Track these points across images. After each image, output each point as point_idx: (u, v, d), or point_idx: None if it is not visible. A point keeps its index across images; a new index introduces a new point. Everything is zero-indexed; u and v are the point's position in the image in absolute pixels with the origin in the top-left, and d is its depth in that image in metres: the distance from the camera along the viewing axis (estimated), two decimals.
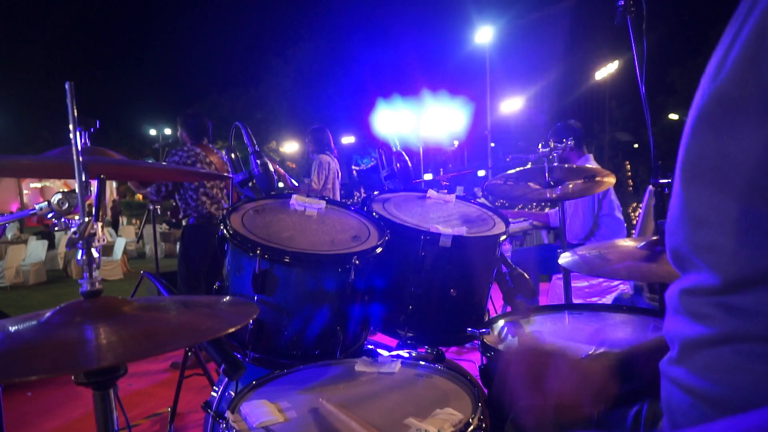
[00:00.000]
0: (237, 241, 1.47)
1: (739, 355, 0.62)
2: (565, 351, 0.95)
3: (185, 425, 3.01)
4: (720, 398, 0.65)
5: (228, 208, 1.65)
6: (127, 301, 0.93)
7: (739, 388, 0.63)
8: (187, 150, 3.94)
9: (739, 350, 0.62)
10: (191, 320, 0.89)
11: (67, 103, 0.90)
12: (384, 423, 1.09)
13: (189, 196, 3.90)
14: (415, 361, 1.42)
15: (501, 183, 2.76)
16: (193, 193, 3.90)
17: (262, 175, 1.85)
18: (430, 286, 1.70)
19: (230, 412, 1.11)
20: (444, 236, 1.63)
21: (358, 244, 1.57)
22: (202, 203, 3.90)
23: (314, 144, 5.18)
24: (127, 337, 0.78)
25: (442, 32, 39.93)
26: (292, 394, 1.24)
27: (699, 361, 0.68)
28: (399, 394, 1.24)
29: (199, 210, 3.90)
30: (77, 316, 0.85)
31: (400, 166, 2.39)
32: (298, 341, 1.49)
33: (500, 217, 1.94)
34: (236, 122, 1.94)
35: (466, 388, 1.24)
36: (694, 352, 0.69)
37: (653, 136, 2.07)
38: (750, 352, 0.62)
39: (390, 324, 1.74)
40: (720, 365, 0.65)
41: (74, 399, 3.48)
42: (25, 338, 0.80)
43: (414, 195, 2.09)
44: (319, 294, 1.48)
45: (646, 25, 1.86)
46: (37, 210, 1.07)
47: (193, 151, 3.95)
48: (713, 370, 0.66)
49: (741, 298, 0.62)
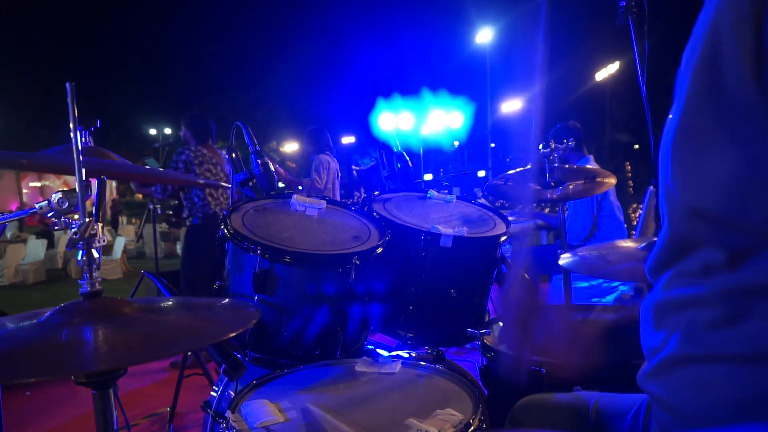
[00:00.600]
0: (237, 240, 1.47)
1: (716, 375, 0.62)
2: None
3: (185, 425, 3.01)
4: (696, 415, 0.65)
5: (228, 207, 1.65)
6: (127, 302, 0.92)
7: (717, 406, 0.63)
8: (194, 150, 3.97)
9: (716, 370, 0.62)
10: (191, 324, 0.89)
11: (68, 104, 0.90)
12: (384, 423, 1.08)
13: (195, 194, 3.91)
14: (416, 362, 1.42)
15: (501, 183, 2.76)
16: (200, 192, 3.90)
17: (262, 174, 1.85)
18: (431, 287, 1.70)
19: (230, 412, 1.11)
20: (444, 237, 1.63)
21: (359, 244, 1.57)
22: (208, 203, 3.91)
23: (313, 144, 5.17)
24: (125, 340, 0.78)
25: (442, 32, 39.92)
26: (293, 394, 1.24)
27: (677, 378, 0.68)
28: (399, 395, 1.24)
29: (205, 210, 3.90)
30: (77, 317, 0.85)
31: (401, 167, 2.39)
32: (298, 341, 1.49)
33: (501, 218, 1.94)
34: (237, 122, 1.94)
35: (467, 388, 1.24)
36: (670, 368, 0.69)
37: (654, 137, 2.06)
38: (730, 373, 0.61)
39: (390, 324, 1.74)
40: (698, 384, 0.65)
41: (74, 399, 3.48)
42: (23, 339, 0.79)
43: (414, 195, 2.09)
44: (320, 294, 1.48)
45: (647, 25, 1.86)
46: (36, 209, 1.07)
47: (199, 151, 3.97)
48: (690, 388, 0.66)
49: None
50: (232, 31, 47.23)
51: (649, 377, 0.75)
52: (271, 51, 45.35)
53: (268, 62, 35.04)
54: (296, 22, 48.55)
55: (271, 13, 48.94)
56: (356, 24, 42.44)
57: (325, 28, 49.56)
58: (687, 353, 0.66)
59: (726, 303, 0.62)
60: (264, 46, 47.69)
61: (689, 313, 0.66)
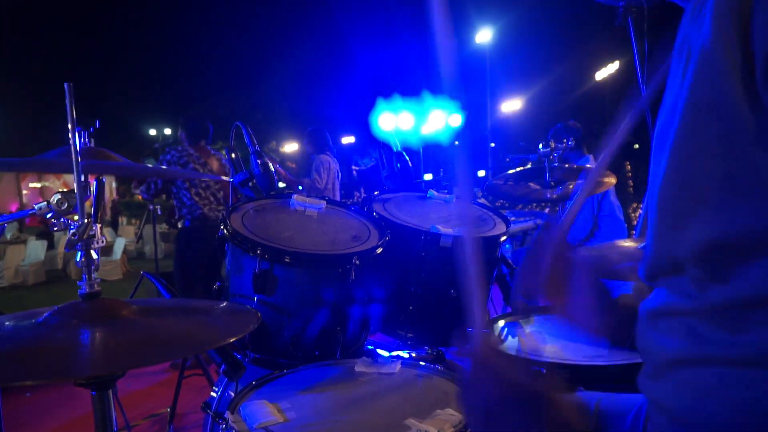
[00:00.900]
0: (237, 240, 1.47)
1: (713, 378, 0.62)
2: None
3: (184, 426, 3.01)
4: (695, 420, 0.64)
5: (228, 208, 1.65)
6: (125, 304, 0.92)
7: (714, 412, 0.62)
8: (180, 150, 4.00)
9: (715, 373, 0.62)
10: (189, 329, 0.89)
11: (66, 104, 0.90)
12: (384, 423, 1.08)
13: (183, 195, 3.93)
14: (415, 362, 1.42)
15: (501, 183, 2.76)
16: (186, 192, 3.92)
17: (262, 174, 1.85)
18: (431, 287, 1.70)
19: (230, 413, 1.11)
20: (444, 236, 1.63)
21: (359, 244, 1.56)
22: (195, 203, 3.92)
23: (312, 145, 5.18)
24: (122, 344, 0.78)
25: (442, 33, 39.79)
26: (292, 394, 1.24)
27: (674, 381, 0.68)
28: (399, 395, 1.24)
29: (194, 211, 3.92)
30: (74, 319, 0.84)
31: (401, 167, 2.39)
32: (298, 341, 1.48)
33: (501, 218, 1.94)
34: (237, 122, 1.93)
35: None
36: (667, 371, 0.69)
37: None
38: (728, 377, 0.61)
39: (390, 324, 1.74)
40: (695, 387, 0.64)
41: (73, 400, 3.47)
42: (21, 340, 0.79)
43: (414, 195, 2.09)
44: (319, 294, 1.48)
45: (647, 25, 1.85)
46: (36, 210, 1.07)
47: (186, 152, 4.00)
48: (688, 391, 0.65)
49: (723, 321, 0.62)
50: (233, 32, 47.25)
51: (647, 379, 0.74)
52: (271, 51, 45.38)
53: (268, 62, 35.12)
54: (296, 22, 48.58)
55: (271, 13, 48.98)
56: (356, 24, 42.51)
57: (324, 28, 49.59)
58: (684, 356, 0.66)
59: (722, 314, 0.61)
60: (264, 47, 47.75)
61: (686, 320, 0.66)
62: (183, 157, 3.96)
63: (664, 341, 0.70)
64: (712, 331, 0.62)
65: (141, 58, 42.85)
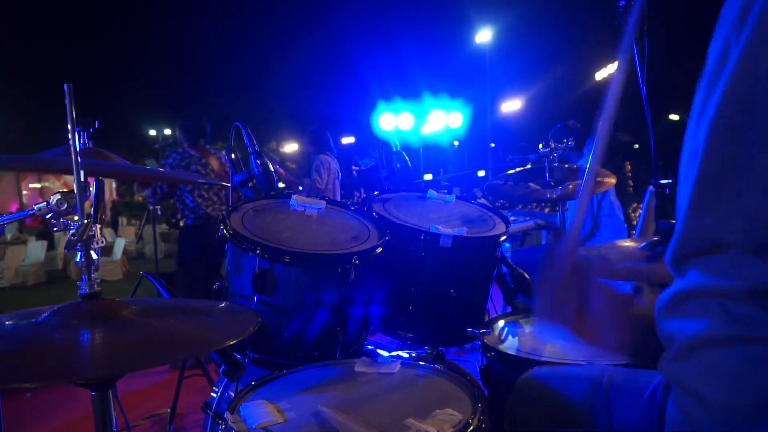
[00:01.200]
0: (237, 240, 1.47)
1: (743, 358, 0.62)
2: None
3: (184, 426, 3.01)
4: (723, 399, 0.64)
5: (228, 208, 1.65)
6: (125, 304, 0.92)
7: (742, 390, 0.62)
8: (181, 152, 3.99)
9: (745, 353, 0.62)
10: (189, 331, 0.88)
11: (66, 105, 0.90)
12: (384, 423, 1.08)
13: (186, 197, 3.93)
14: (415, 362, 1.42)
15: (501, 183, 2.76)
16: (189, 194, 3.92)
17: (262, 175, 1.85)
18: (431, 287, 1.70)
19: (230, 413, 1.10)
20: (444, 236, 1.63)
21: (358, 244, 1.56)
22: (198, 204, 3.92)
23: (313, 145, 5.17)
24: (122, 345, 0.77)
25: (442, 32, 39.94)
26: (292, 394, 1.24)
27: (699, 362, 0.67)
28: (399, 395, 1.24)
29: (196, 211, 3.92)
30: (74, 319, 0.84)
31: (400, 166, 2.39)
32: (297, 341, 1.48)
33: (500, 218, 1.94)
34: (236, 122, 1.93)
35: (466, 388, 1.24)
36: (695, 353, 0.68)
37: (654, 137, 2.06)
38: (759, 356, 0.61)
39: (390, 324, 1.74)
40: (723, 368, 0.64)
41: (73, 400, 3.47)
42: (20, 341, 0.79)
43: (414, 195, 2.09)
44: (319, 294, 1.48)
45: (647, 25, 1.85)
46: (36, 210, 1.07)
47: (187, 153, 3.99)
48: (716, 373, 0.65)
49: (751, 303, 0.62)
50: (233, 32, 47.23)
51: (669, 364, 0.74)
52: (271, 51, 45.37)
53: (268, 63, 35.15)
54: (296, 22, 48.57)
55: (271, 13, 48.96)
56: (356, 24, 42.46)
57: (325, 28, 49.56)
58: (712, 337, 0.65)
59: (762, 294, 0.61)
60: (264, 47, 47.73)
61: (720, 300, 0.65)
62: (185, 160, 3.96)
63: (686, 324, 0.69)
64: (748, 310, 0.62)
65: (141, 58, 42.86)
